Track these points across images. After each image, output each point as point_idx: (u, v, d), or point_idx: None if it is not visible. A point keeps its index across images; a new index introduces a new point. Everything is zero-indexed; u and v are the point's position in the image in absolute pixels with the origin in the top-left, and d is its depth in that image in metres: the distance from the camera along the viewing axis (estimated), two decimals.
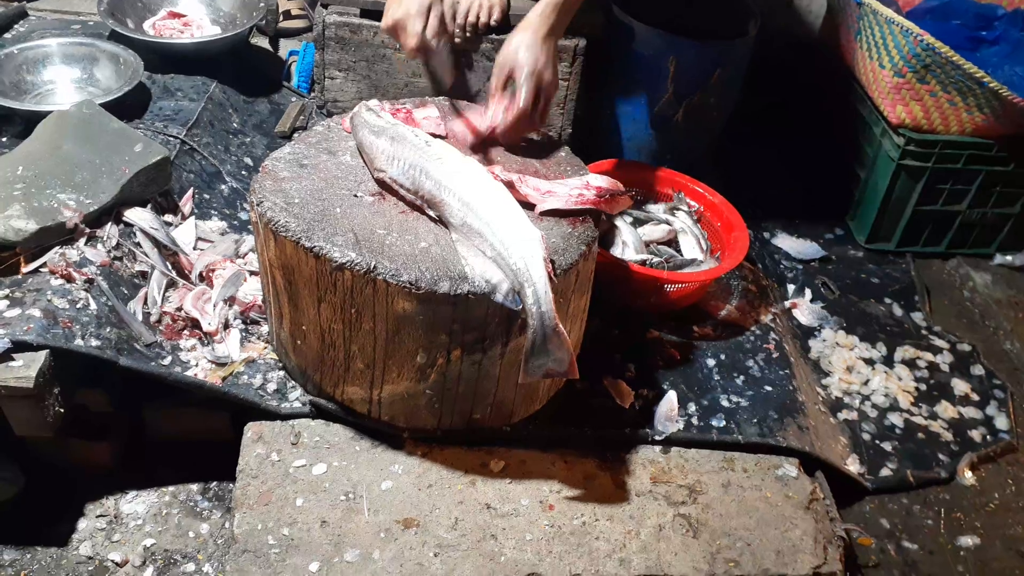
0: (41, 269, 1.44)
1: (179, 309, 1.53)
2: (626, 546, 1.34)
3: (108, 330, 1.39)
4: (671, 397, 1.56)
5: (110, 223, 1.54)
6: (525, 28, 1.45)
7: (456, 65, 1.67)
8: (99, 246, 1.51)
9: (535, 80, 1.42)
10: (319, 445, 1.41)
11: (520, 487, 1.40)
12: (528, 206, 1.35)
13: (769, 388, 1.64)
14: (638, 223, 1.92)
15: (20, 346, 1.29)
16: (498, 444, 1.45)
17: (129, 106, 1.84)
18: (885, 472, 1.64)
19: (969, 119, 1.99)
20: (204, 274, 1.60)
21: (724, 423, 1.55)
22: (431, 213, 1.33)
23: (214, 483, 1.54)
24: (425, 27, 1.51)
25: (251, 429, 1.43)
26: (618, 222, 1.87)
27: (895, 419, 1.74)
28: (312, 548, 1.27)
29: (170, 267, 1.57)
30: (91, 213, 1.50)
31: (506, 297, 1.22)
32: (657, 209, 1.95)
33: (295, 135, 2.06)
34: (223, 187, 1.85)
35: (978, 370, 1.89)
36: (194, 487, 1.53)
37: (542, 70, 1.42)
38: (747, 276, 1.93)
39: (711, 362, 1.69)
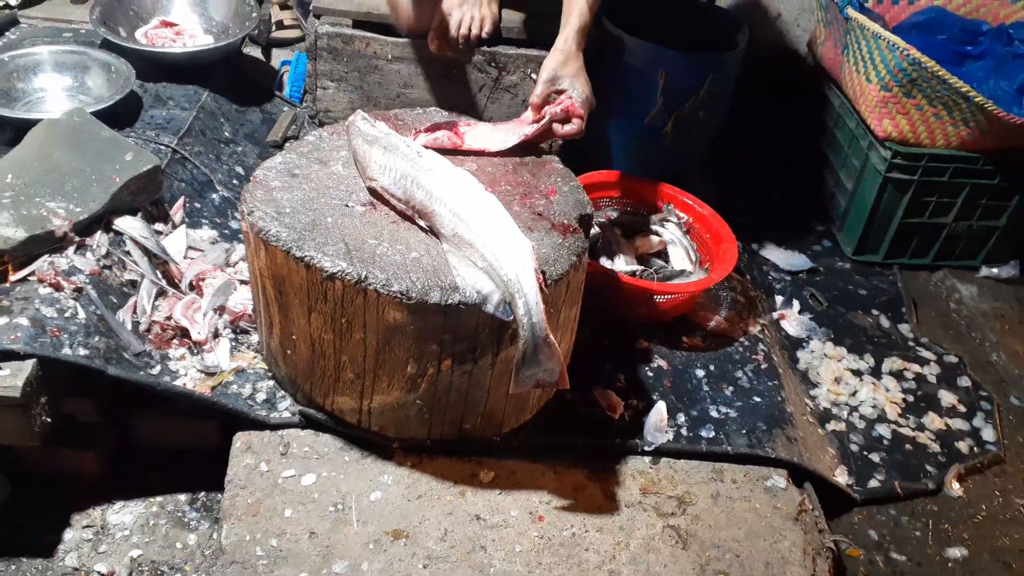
0: (29, 277, 1.43)
1: (168, 318, 1.52)
2: (616, 557, 1.34)
3: (96, 339, 1.38)
4: (660, 407, 1.56)
5: (100, 231, 1.53)
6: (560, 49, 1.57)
7: None
8: (88, 255, 1.50)
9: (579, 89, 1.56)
10: (308, 455, 1.41)
11: (510, 498, 1.39)
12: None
13: (758, 399, 1.65)
14: (628, 234, 1.93)
15: (7, 355, 1.29)
16: (488, 454, 1.45)
17: (120, 115, 1.84)
18: (873, 483, 1.64)
19: (955, 133, 2.01)
20: (194, 283, 1.59)
21: (713, 434, 1.55)
22: (422, 223, 1.33)
23: (202, 493, 1.53)
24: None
25: (240, 439, 1.42)
26: (608, 233, 1.88)
27: (883, 430, 1.75)
28: (301, 560, 1.27)
29: (160, 276, 1.57)
30: (81, 221, 1.50)
31: (497, 308, 1.22)
32: (646, 221, 1.96)
33: (287, 145, 2.05)
34: (214, 196, 1.85)
35: (965, 381, 1.90)
36: (182, 497, 1.52)
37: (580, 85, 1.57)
38: (736, 287, 1.94)
39: (700, 373, 1.70)
